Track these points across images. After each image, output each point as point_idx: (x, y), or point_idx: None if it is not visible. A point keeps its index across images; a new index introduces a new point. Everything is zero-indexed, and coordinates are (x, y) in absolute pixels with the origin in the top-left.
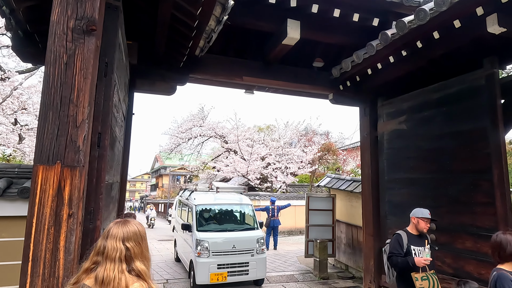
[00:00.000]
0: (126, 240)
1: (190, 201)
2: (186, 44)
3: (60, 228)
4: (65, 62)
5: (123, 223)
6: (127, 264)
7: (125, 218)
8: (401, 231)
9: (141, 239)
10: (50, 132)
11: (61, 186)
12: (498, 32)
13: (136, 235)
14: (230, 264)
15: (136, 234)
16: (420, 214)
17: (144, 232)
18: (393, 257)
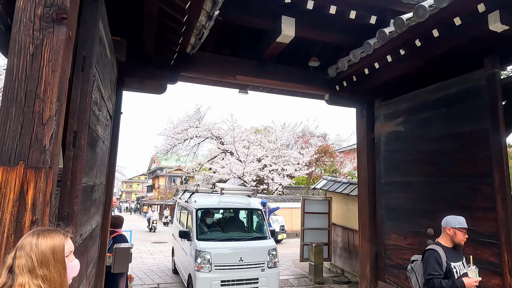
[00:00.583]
0: (26, 255)
1: (190, 204)
2: (176, 40)
3: (21, 236)
4: (31, 53)
5: (36, 232)
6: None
7: (43, 227)
8: (435, 245)
9: (37, 255)
10: (13, 129)
11: (24, 189)
12: (500, 30)
13: (35, 248)
14: (236, 281)
15: (34, 246)
16: (458, 224)
17: (49, 246)
18: (434, 279)
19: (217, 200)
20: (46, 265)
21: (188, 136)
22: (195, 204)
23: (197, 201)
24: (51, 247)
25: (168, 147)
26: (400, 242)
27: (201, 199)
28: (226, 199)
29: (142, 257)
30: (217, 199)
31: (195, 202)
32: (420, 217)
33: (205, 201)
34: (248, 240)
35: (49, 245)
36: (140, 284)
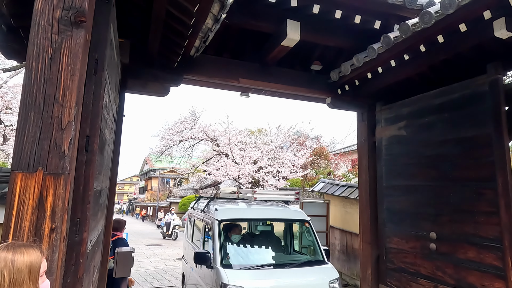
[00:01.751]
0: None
1: (208, 215)
2: (181, 43)
3: (41, 244)
4: (50, 56)
5: (9, 247)
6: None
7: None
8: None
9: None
10: (31, 135)
11: (43, 196)
12: (505, 36)
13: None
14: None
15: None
16: None
17: (26, 262)
18: None
19: (245, 208)
20: (20, 284)
21: (183, 138)
22: (216, 214)
23: (219, 209)
24: (28, 264)
25: (163, 149)
26: (402, 246)
27: (224, 207)
28: (258, 207)
29: (138, 260)
30: (245, 207)
31: (216, 211)
32: (423, 220)
33: (229, 209)
34: (296, 266)
35: (26, 262)
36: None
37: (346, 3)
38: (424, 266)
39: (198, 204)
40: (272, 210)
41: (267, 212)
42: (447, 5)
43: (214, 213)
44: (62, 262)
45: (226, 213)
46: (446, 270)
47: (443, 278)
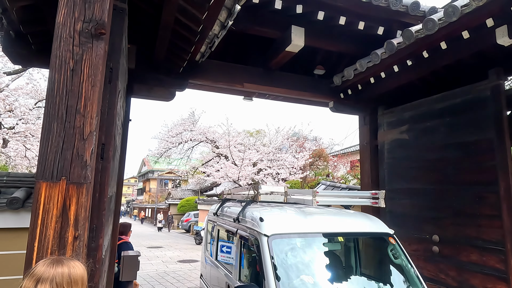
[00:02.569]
0: (56, 284)
1: (248, 226)
2: (188, 49)
3: (65, 252)
4: (72, 68)
5: (56, 262)
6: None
7: (58, 256)
8: None
9: (72, 285)
10: (55, 145)
11: (66, 205)
12: (507, 44)
13: (69, 278)
14: None
15: (68, 277)
16: None
17: (80, 275)
18: None
19: (303, 217)
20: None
21: (182, 140)
22: (262, 226)
23: (267, 219)
24: (81, 276)
25: (162, 150)
26: (405, 248)
27: (272, 215)
28: (322, 215)
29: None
30: (303, 215)
31: (262, 222)
32: (425, 223)
33: (282, 220)
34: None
35: (79, 274)
36: None
37: (350, 10)
38: (427, 269)
39: (224, 209)
40: (343, 220)
41: (337, 222)
42: (451, 13)
43: (258, 225)
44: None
45: (278, 224)
46: (449, 273)
47: (446, 280)
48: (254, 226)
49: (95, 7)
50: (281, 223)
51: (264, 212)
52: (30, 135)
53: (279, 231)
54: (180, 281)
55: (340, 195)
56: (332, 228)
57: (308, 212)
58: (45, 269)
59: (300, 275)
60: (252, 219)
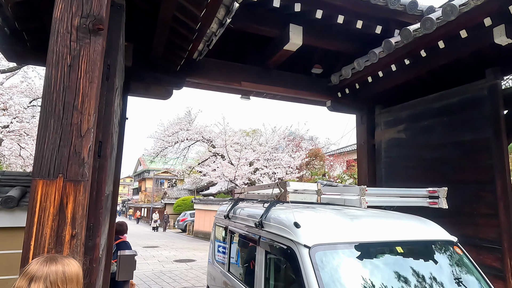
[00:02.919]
0: (50, 283)
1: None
2: (185, 47)
3: (62, 250)
4: (69, 64)
5: (50, 260)
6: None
7: (52, 254)
8: None
9: (67, 283)
10: (51, 142)
11: (63, 203)
12: (505, 43)
13: (63, 276)
14: None
15: (62, 275)
16: None
17: (75, 272)
18: None
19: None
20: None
21: (178, 139)
22: (299, 233)
23: (305, 225)
24: (76, 274)
25: (158, 150)
26: None
27: (311, 218)
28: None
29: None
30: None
31: (300, 228)
32: None
33: (326, 225)
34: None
35: (74, 272)
36: None
37: (348, 9)
38: None
39: (238, 211)
40: (397, 225)
41: (391, 228)
42: (449, 12)
43: (293, 232)
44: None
45: (320, 232)
46: None
47: None
48: (285, 233)
49: (93, 2)
50: (324, 230)
51: (300, 215)
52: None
53: (323, 240)
54: (176, 281)
55: (390, 194)
56: (388, 236)
57: (352, 214)
58: (38, 267)
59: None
60: (281, 224)
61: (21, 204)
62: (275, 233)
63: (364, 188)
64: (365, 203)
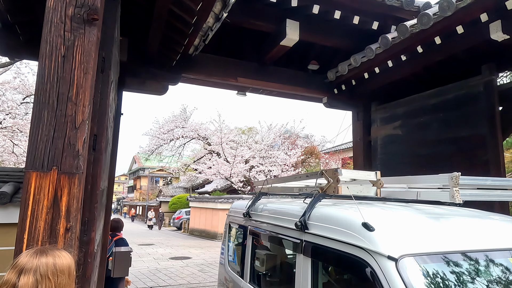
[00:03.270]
0: (40, 275)
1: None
2: (181, 41)
3: (56, 244)
4: (63, 54)
5: (40, 252)
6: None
7: (43, 246)
8: None
9: (58, 275)
10: (45, 133)
11: (58, 196)
12: (501, 39)
13: (54, 268)
14: None
15: (53, 267)
16: None
17: (67, 264)
18: None
19: (435, 220)
20: (63, 286)
21: (174, 137)
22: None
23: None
24: (67, 267)
25: (154, 147)
26: None
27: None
28: (464, 220)
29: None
30: (429, 217)
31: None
32: None
33: (407, 226)
34: None
35: (65, 264)
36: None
37: (345, 4)
38: None
39: (260, 207)
40: (498, 227)
41: (494, 231)
42: (446, 8)
43: (365, 237)
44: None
45: (409, 237)
46: None
47: None
48: (349, 238)
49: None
50: (411, 235)
51: (370, 214)
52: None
53: (413, 249)
54: (172, 278)
55: (489, 186)
56: (495, 242)
57: (437, 213)
58: (28, 259)
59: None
60: (340, 226)
61: (14, 200)
62: (330, 238)
63: (457, 176)
64: (459, 198)
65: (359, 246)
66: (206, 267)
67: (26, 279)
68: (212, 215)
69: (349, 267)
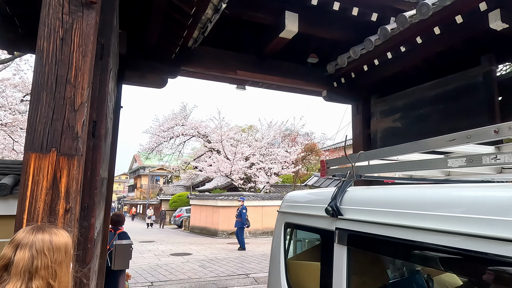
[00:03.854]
0: (36, 250)
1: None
2: (180, 33)
3: (55, 225)
4: (61, 37)
5: (37, 229)
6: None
7: (40, 224)
8: None
9: (54, 251)
10: (44, 115)
11: (57, 177)
12: (500, 28)
13: (50, 244)
14: None
15: (49, 243)
16: None
17: (64, 242)
18: None
19: None
20: (59, 263)
21: (174, 134)
22: None
23: None
24: (64, 244)
25: (154, 145)
26: None
27: None
28: None
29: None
30: None
31: None
32: None
33: None
34: None
35: (62, 242)
36: (133, 282)
37: None
38: None
39: (357, 196)
40: None
41: None
42: None
43: None
44: (75, 245)
45: None
46: None
47: None
48: None
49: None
50: None
51: None
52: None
53: None
54: (172, 273)
55: None
56: None
57: None
58: (25, 235)
59: None
60: None
61: (14, 192)
62: None
63: None
64: None
65: None
66: (207, 263)
67: (22, 254)
68: (212, 212)
69: None
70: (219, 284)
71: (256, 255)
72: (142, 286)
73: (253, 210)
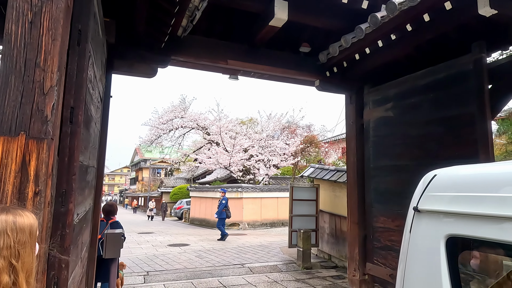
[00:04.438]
0: None
1: None
2: (168, 22)
3: (25, 207)
4: (30, 20)
5: (1, 210)
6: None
7: (5, 205)
8: None
9: (17, 232)
10: (12, 99)
11: (26, 160)
12: (489, 14)
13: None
14: None
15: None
16: None
17: (28, 224)
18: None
19: None
20: (23, 245)
21: (173, 127)
22: None
23: None
24: (28, 226)
25: (153, 138)
26: (388, 224)
27: None
28: None
29: (129, 247)
30: None
31: None
32: (409, 199)
33: None
34: None
35: (27, 223)
36: (129, 272)
37: None
38: None
39: None
40: None
41: None
42: None
43: None
44: (48, 228)
45: None
46: None
47: None
48: None
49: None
50: None
51: None
52: None
53: None
54: (168, 263)
55: None
56: None
57: None
58: None
59: None
60: None
61: None
62: None
63: None
64: None
65: None
66: (203, 253)
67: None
68: (212, 204)
69: None
70: (214, 273)
71: (253, 245)
72: (137, 275)
73: (252, 202)
